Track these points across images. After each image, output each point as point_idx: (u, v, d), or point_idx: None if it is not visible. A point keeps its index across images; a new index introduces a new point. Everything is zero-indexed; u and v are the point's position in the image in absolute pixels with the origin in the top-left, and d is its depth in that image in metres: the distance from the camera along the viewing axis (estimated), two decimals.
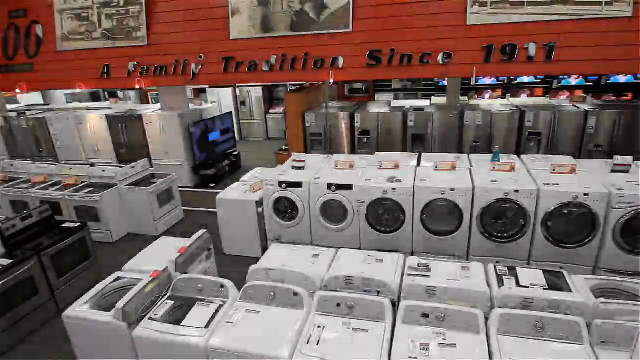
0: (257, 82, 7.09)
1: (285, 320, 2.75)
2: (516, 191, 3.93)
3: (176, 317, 2.91)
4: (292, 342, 2.56)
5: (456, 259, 4.20)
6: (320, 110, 7.17)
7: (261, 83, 10.46)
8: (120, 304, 2.81)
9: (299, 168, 5.01)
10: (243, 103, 11.68)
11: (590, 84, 9.56)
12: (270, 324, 2.74)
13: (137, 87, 7.27)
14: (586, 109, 5.94)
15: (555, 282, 2.96)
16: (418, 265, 3.21)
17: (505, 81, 10.06)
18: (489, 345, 2.45)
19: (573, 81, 9.64)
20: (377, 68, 6.07)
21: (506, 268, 3.13)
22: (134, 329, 2.81)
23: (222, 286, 3.04)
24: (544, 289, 2.86)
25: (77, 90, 13.36)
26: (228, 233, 5.21)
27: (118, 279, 3.39)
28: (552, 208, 3.89)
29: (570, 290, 2.81)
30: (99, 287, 3.27)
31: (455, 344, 2.46)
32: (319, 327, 2.67)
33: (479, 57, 5.67)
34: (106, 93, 13.03)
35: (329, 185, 4.51)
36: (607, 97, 8.84)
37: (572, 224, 3.96)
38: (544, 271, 3.08)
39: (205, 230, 3.90)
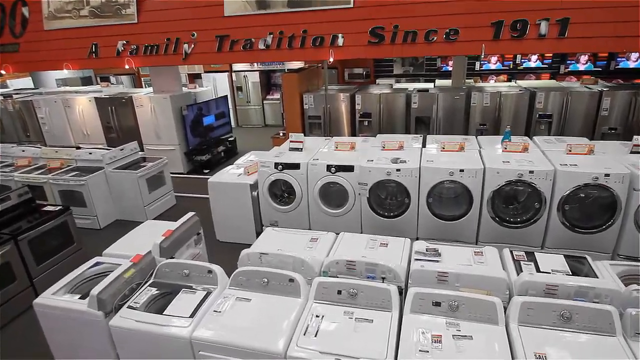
0: (252, 61, 6.76)
1: (280, 309, 2.47)
2: (531, 172, 3.64)
3: (159, 305, 2.62)
4: (287, 333, 2.28)
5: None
6: (319, 91, 6.84)
7: (257, 62, 10.04)
8: (95, 291, 2.52)
9: (297, 149, 4.71)
10: (239, 89, 11.32)
11: (599, 69, 9.23)
12: (263, 313, 2.46)
13: (127, 67, 6.91)
14: (600, 89, 5.62)
15: (579, 268, 2.69)
16: (426, 250, 2.92)
17: (511, 66, 9.73)
18: (509, 337, 2.17)
19: (581, 66, 9.31)
20: (379, 46, 5.72)
21: (523, 253, 2.85)
22: (111, 318, 2.52)
23: (210, 272, 2.75)
24: (566, 275, 2.59)
25: (68, 76, 13.01)
26: (221, 219, 4.91)
27: (97, 264, 3.09)
28: (570, 190, 3.60)
29: (596, 277, 2.54)
30: (76, 272, 2.97)
31: (471, 336, 2.18)
32: (317, 316, 2.39)
33: (487, 33, 5.33)
34: (98, 78, 12.66)
35: (329, 167, 4.21)
36: (616, 82, 8.51)
37: (591, 208, 3.68)
38: (566, 256, 2.80)
39: (194, 213, 3.60)
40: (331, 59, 5.91)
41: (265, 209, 4.64)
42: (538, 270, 2.65)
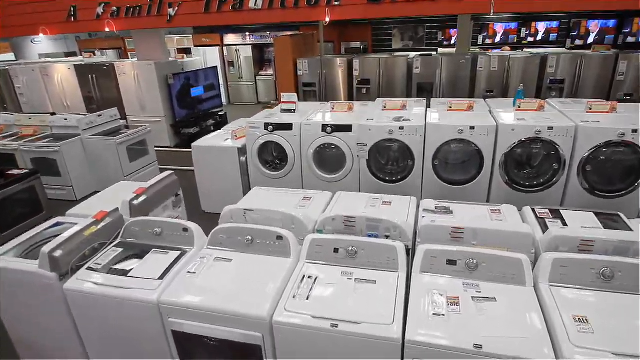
0: (243, 22, 6.30)
1: (266, 270, 2.09)
2: (550, 128, 3.26)
3: (124, 267, 2.23)
4: (273, 296, 1.90)
5: None
6: (314, 57, 6.39)
7: (247, 24, 9.48)
8: (46, 249, 2.12)
9: (289, 111, 4.30)
10: (231, 64, 10.81)
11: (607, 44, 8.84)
12: (246, 274, 2.08)
13: (107, 30, 6.42)
14: (615, 53, 5.24)
15: (613, 225, 2.33)
16: (436, 208, 2.56)
17: (515, 40, 9.32)
18: (539, 300, 1.81)
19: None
20: (379, 5, 5.28)
21: (547, 210, 2.49)
22: (67, 281, 2.14)
23: (185, 230, 2.36)
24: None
25: (52, 50, 12.43)
26: (206, 187, 4.51)
27: (58, 224, 2.69)
28: (592, 149, 3.24)
29: None
30: (31, 233, 2.57)
31: (494, 297, 1.82)
32: (309, 277, 2.01)
33: None
34: (83, 54, 12.09)
35: (324, 127, 3.81)
36: None
37: (615, 169, 3.33)
38: (596, 213, 2.45)
39: (172, 172, 3.20)
40: (327, 19, 5.46)
41: (255, 176, 4.24)
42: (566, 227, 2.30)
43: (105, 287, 2.05)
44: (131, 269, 2.17)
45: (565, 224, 2.33)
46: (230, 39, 10.73)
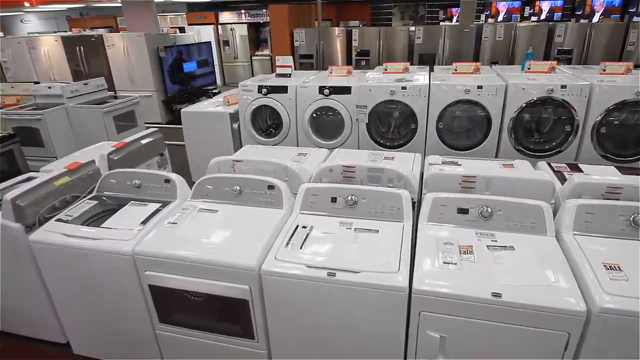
0: None
1: (255, 221, 1.88)
2: (563, 87, 3.05)
3: (99, 219, 2.01)
4: (262, 246, 1.69)
5: None
6: (311, 27, 6.13)
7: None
8: (9, 196, 1.89)
9: (285, 75, 4.05)
10: (226, 43, 10.50)
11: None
12: (233, 225, 1.86)
13: None
14: (626, 22, 5.02)
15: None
16: (442, 163, 2.34)
17: (519, 20, 9.06)
18: (562, 248, 1.61)
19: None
20: None
21: (565, 164, 2.29)
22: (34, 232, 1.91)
23: (167, 181, 2.14)
24: None
25: (42, 29, 12.05)
26: (197, 156, 4.27)
27: (30, 179, 2.45)
28: (608, 110, 3.03)
29: None
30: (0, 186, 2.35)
31: (512, 246, 1.62)
32: (304, 227, 1.80)
33: None
34: (72, 30, 11.72)
35: (322, 89, 3.58)
36: None
37: (631, 131, 3.12)
38: (618, 168, 2.25)
39: (156, 129, 2.97)
40: None
41: (247, 143, 4.00)
42: None
43: (75, 239, 1.83)
44: (105, 221, 1.95)
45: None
46: (225, 17, 10.41)
